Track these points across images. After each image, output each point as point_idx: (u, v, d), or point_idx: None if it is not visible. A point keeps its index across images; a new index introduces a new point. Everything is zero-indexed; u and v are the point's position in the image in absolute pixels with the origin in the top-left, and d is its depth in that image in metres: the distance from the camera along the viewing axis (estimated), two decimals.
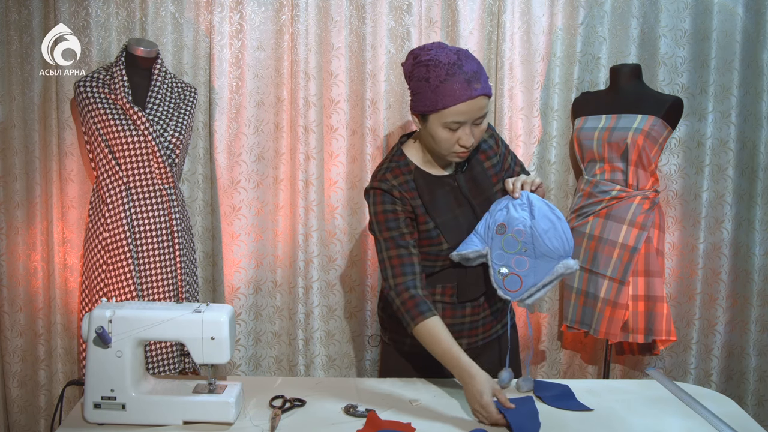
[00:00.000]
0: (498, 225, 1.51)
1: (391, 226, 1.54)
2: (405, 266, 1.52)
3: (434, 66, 1.44)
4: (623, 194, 2.27)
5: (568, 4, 2.44)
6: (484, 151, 1.66)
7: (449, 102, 1.43)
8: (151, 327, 1.33)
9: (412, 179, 1.58)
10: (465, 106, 1.43)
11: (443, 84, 1.43)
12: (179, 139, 2.16)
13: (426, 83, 1.45)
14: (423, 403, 1.47)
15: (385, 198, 1.55)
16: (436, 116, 1.46)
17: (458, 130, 1.47)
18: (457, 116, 1.44)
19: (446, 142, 1.48)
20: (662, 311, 2.26)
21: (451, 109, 1.43)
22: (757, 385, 2.56)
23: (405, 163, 1.60)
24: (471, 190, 1.61)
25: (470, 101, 1.43)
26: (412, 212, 1.57)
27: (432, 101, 1.45)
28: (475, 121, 1.47)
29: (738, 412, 1.47)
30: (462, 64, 1.44)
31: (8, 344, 2.41)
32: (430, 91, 1.44)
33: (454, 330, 1.64)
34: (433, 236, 1.57)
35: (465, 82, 1.42)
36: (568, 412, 1.45)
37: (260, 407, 1.44)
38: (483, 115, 1.48)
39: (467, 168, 1.62)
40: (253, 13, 2.36)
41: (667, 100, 2.25)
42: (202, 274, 2.46)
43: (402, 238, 1.54)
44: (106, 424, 1.35)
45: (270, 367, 2.53)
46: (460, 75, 1.42)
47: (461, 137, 1.47)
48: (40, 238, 2.38)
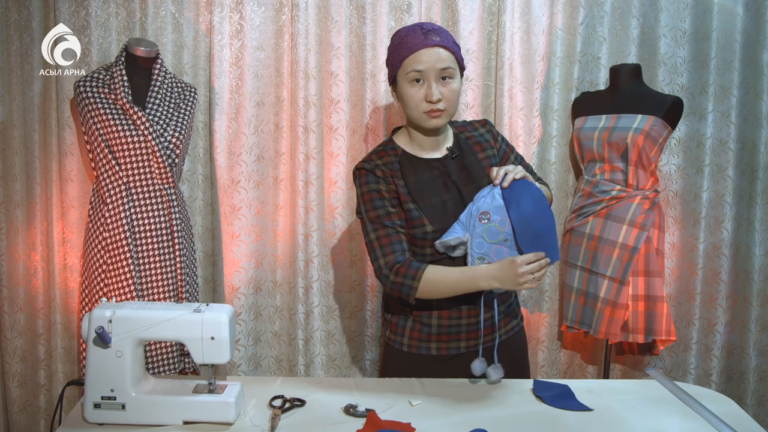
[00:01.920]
0: (481, 213, 1.49)
1: (376, 205, 1.57)
2: (393, 244, 1.55)
3: (398, 32, 1.58)
4: (623, 194, 2.27)
5: (568, 4, 2.44)
6: (479, 142, 1.68)
7: (407, 52, 1.52)
8: (151, 327, 1.33)
9: (396, 161, 1.61)
10: (423, 55, 1.50)
11: (403, 40, 1.54)
12: (179, 139, 2.16)
13: (391, 47, 1.58)
14: (423, 403, 1.47)
15: (369, 178, 1.59)
16: (400, 73, 1.55)
17: (423, 85, 1.53)
18: (416, 64, 1.51)
19: (412, 98, 1.54)
20: (662, 311, 2.26)
21: (410, 58, 1.51)
22: (757, 385, 2.56)
23: (392, 147, 1.65)
24: (462, 177, 1.62)
25: (427, 49, 1.50)
26: (396, 192, 1.59)
27: (394, 59, 1.56)
28: (440, 75, 1.52)
29: (738, 412, 1.47)
30: (422, 25, 1.55)
31: (8, 344, 2.41)
32: (393, 50, 1.57)
33: (452, 332, 1.64)
34: (415, 217, 1.57)
35: (422, 35, 1.51)
36: (568, 412, 1.45)
37: (260, 407, 1.44)
38: (446, 68, 1.52)
39: (458, 155, 1.64)
40: (253, 13, 2.37)
41: (667, 100, 2.25)
42: (202, 274, 2.46)
43: (388, 218, 1.56)
44: (106, 424, 1.35)
45: (270, 367, 2.53)
46: (418, 30, 1.53)
47: (427, 93, 1.52)
48: (40, 238, 2.38)
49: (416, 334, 1.65)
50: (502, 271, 1.43)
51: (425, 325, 1.64)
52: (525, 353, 1.79)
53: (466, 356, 1.63)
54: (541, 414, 1.43)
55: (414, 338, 1.65)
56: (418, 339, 1.66)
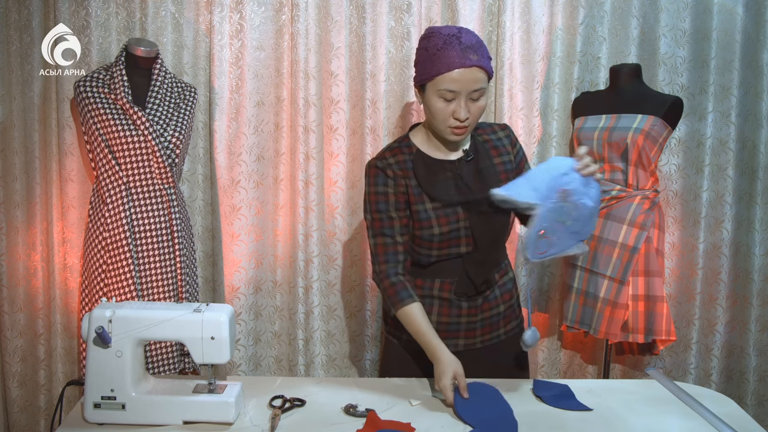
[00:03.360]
0: (564, 189, 1.44)
1: (380, 208, 1.58)
2: (388, 254, 1.57)
3: (434, 36, 1.49)
4: (623, 194, 2.27)
5: (568, 4, 2.44)
6: (496, 147, 1.65)
7: (443, 68, 1.45)
8: (151, 327, 1.33)
9: (410, 159, 1.59)
10: (458, 74, 1.45)
11: (439, 52, 1.46)
12: (179, 139, 2.16)
13: (425, 52, 1.50)
14: (423, 403, 1.47)
15: (378, 178, 1.58)
16: (431, 84, 1.49)
17: (453, 102, 1.48)
18: (450, 84, 1.46)
19: (440, 113, 1.50)
20: (662, 311, 2.26)
21: (445, 75, 1.45)
22: (757, 385, 2.56)
23: (407, 144, 1.62)
24: (475, 181, 1.59)
25: (464, 70, 1.45)
26: (405, 193, 1.58)
27: (428, 69, 1.48)
28: (470, 95, 1.48)
29: (738, 412, 1.47)
30: (461, 36, 1.46)
31: (8, 344, 2.41)
32: (428, 59, 1.48)
33: (450, 330, 1.64)
34: (423, 219, 1.57)
35: (460, 51, 1.45)
36: (568, 412, 1.45)
37: (260, 407, 1.44)
38: (479, 89, 1.48)
39: (473, 158, 1.61)
40: (253, 13, 2.36)
41: (667, 100, 2.25)
42: (202, 274, 2.46)
43: (389, 223, 1.57)
44: (106, 424, 1.35)
45: (270, 367, 2.53)
46: (456, 45, 1.45)
47: (455, 110, 1.48)
48: (40, 238, 2.38)
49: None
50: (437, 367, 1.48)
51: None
52: (525, 354, 1.78)
53: (463, 354, 1.63)
54: (541, 414, 1.43)
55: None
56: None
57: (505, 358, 1.70)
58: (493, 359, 1.69)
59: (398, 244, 1.57)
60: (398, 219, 1.57)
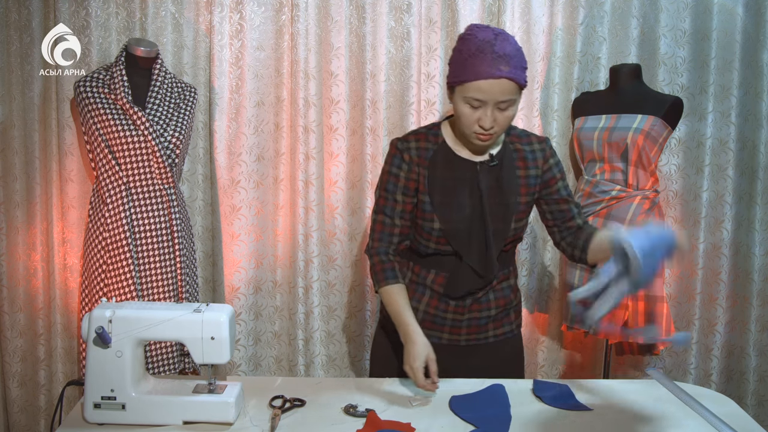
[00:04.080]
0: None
1: (388, 188, 1.60)
2: (384, 233, 1.61)
3: (468, 39, 1.45)
4: (623, 194, 2.27)
5: (568, 4, 2.44)
6: (525, 159, 1.60)
7: (471, 76, 1.42)
8: (151, 327, 1.33)
9: (433, 149, 1.58)
10: (486, 84, 1.42)
11: (471, 58, 1.43)
12: (179, 139, 2.16)
13: (458, 54, 1.47)
14: (423, 403, 1.47)
15: (395, 158, 1.60)
16: (459, 89, 1.47)
17: (479, 109, 1.45)
18: (477, 93, 1.43)
19: (466, 118, 1.48)
20: (662, 311, 2.26)
21: (473, 83, 1.43)
22: (757, 385, 2.56)
23: (435, 133, 1.61)
24: (490, 188, 1.57)
25: (492, 80, 1.41)
26: (417, 180, 1.58)
27: (458, 73, 1.46)
28: (498, 105, 1.45)
29: (738, 412, 1.47)
30: (495, 43, 1.42)
31: (8, 344, 2.41)
32: (459, 63, 1.46)
33: (436, 322, 1.65)
34: (426, 211, 1.57)
35: (491, 60, 1.41)
36: (568, 412, 1.45)
37: (260, 407, 1.44)
38: (507, 100, 1.44)
39: (496, 165, 1.58)
40: (253, 13, 2.36)
41: (667, 100, 2.25)
42: (202, 274, 2.46)
43: (392, 205, 1.60)
44: (106, 424, 1.35)
45: (270, 367, 2.53)
46: (489, 53, 1.41)
47: (481, 117, 1.46)
48: (40, 238, 2.38)
49: None
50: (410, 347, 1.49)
51: (413, 307, 1.65)
52: (517, 360, 1.76)
53: (446, 347, 1.64)
54: (541, 414, 1.43)
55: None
56: None
57: (491, 361, 1.68)
58: (477, 360, 1.68)
59: (395, 227, 1.61)
60: (402, 203, 1.59)
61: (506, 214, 1.58)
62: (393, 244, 1.62)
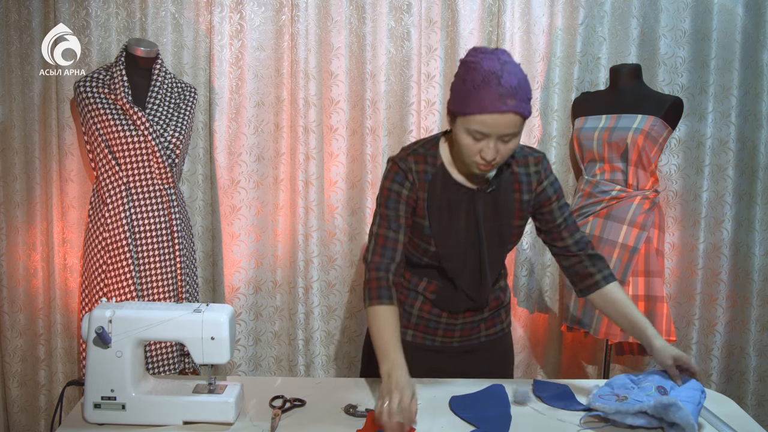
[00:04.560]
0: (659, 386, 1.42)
1: (390, 205, 1.54)
2: (386, 249, 1.53)
3: (474, 69, 1.38)
4: (623, 194, 2.27)
5: (568, 4, 2.44)
6: (521, 182, 1.57)
7: (475, 109, 1.37)
8: (151, 327, 1.33)
9: (432, 173, 1.55)
10: (491, 119, 1.36)
11: (476, 90, 1.37)
12: (179, 139, 2.16)
13: (462, 84, 1.40)
14: (423, 403, 1.47)
15: (398, 177, 1.54)
16: (462, 120, 1.41)
17: (481, 141, 1.40)
18: (481, 126, 1.38)
19: (467, 149, 1.43)
20: (662, 311, 2.26)
21: (477, 117, 1.37)
22: (757, 385, 2.56)
23: (434, 155, 1.56)
24: (486, 213, 1.55)
25: (497, 115, 1.36)
26: (416, 200, 1.55)
27: (461, 104, 1.40)
28: (502, 138, 1.40)
29: (738, 412, 1.47)
30: (501, 75, 1.35)
31: (8, 344, 2.41)
32: (463, 93, 1.40)
33: (430, 326, 1.64)
34: (424, 233, 1.55)
35: (497, 95, 1.35)
36: (568, 412, 1.45)
37: (260, 407, 1.44)
38: (511, 133, 1.39)
39: (493, 190, 1.55)
40: (253, 13, 2.36)
41: (667, 100, 2.25)
42: (202, 274, 2.46)
43: (396, 221, 1.54)
44: (106, 424, 1.35)
45: (270, 367, 2.53)
46: (495, 86, 1.35)
47: (483, 149, 1.40)
48: (40, 238, 2.38)
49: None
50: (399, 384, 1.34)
51: (406, 311, 1.65)
52: (507, 358, 1.76)
53: (440, 348, 1.64)
54: (541, 414, 1.43)
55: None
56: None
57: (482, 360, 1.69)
58: (469, 360, 1.68)
59: (399, 242, 1.54)
60: (404, 219, 1.55)
61: (501, 238, 1.56)
62: (394, 261, 1.53)
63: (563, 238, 1.61)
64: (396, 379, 1.34)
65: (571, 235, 1.60)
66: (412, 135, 2.38)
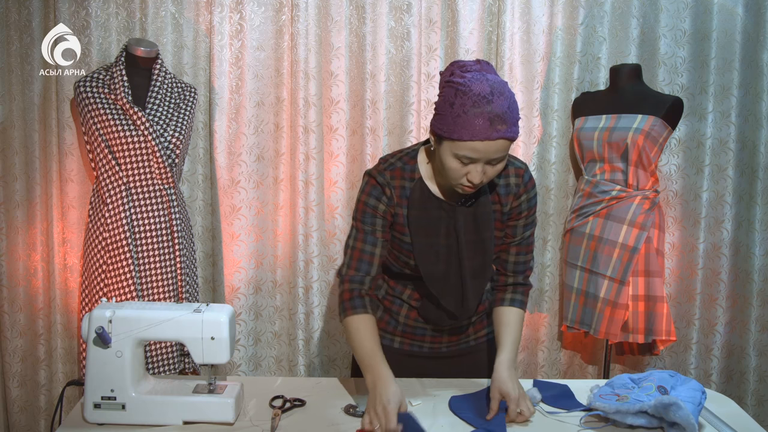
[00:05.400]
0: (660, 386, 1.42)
1: (366, 220, 1.53)
2: (361, 262, 1.52)
3: (463, 93, 1.34)
4: (623, 194, 2.27)
5: (568, 4, 2.44)
6: (500, 194, 1.54)
7: (465, 136, 1.33)
8: (151, 327, 1.33)
9: (410, 187, 1.52)
10: (481, 145, 1.33)
11: (465, 115, 1.33)
12: (179, 139, 2.16)
13: (450, 107, 1.36)
14: (423, 403, 1.47)
15: (374, 191, 1.52)
16: (449, 144, 1.37)
17: (469, 165, 1.37)
18: (470, 152, 1.34)
19: (454, 172, 1.40)
20: (662, 311, 2.26)
21: (466, 143, 1.34)
22: (757, 385, 2.56)
23: (411, 169, 1.53)
24: (466, 227, 1.52)
25: (488, 142, 1.33)
26: (394, 215, 1.53)
27: (449, 128, 1.35)
28: (490, 161, 1.38)
29: (738, 412, 1.47)
30: (492, 100, 1.32)
31: (8, 344, 2.41)
32: (451, 117, 1.35)
33: (417, 333, 1.64)
34: (404, 248, 1.54)
35: (488, 121, 1.32)
36: (568, 412, 1.45)
37: (260, 407, 1.44)
38: (500, 157, 1.37)
39: (473, 204, 1.53)
40: (253, 13, 2.36)
41: (667, 100, 2.25)
42: (202, 274, 2.46)
43: (372, 234, 1.52)
44: (106, 424, 1.35)
45: (270, 367, 2.53)
46: (486, 112, 1.32)
47: (470, 172, 1.38)
48: (40, 238, 2.38)
49: (383, 324, 1.66)
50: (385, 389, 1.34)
51: (393, 319, 1.65)
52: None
53: (428, 354, 1.64)
54: (541, 414, 1.43)
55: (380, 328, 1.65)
56: (383, 330, 1.66)
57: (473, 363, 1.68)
58: (459, 363, 1.67)
59: (375, 256, 1.52)
60: (381, 233, 1.53)
61: (484, 250, 1.54)
62: (370, 275, 1.51)
63: (508, 252, 1.60)
64: (380, 392, 1.33)
65: (517, 254, 1.59)
66: (412, 135, 2.38)
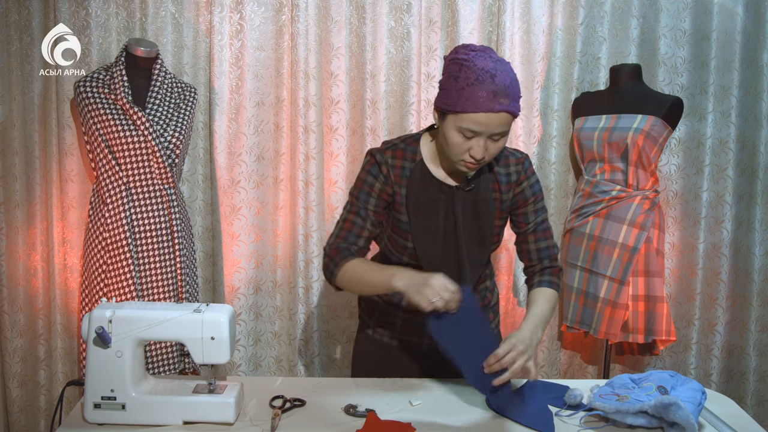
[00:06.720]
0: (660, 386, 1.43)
1: (361, 196, 1.56)
2: (350, 233, 1.55)
3: (467, 67, 1.38)
4: (623, 194, 2.27)
5: (568, 4, 2.44)
6: (500, 182, 1.57)
7: (469, 108, 1.36)
8: (151, 327, 1.33)
9: (410, 168, 1.54)
10: (484, 117, 1.36)
11: (469, 88, 1.36)
12: (179, 139, 2.16)
13: (454, 81, 1.39)
14: (423, 403, 1.47)
15: (373, 169, 1.55)
16: (453, 117, 1.40)
17: (472, 139, 1.40)
18: (473, 125, 1.38)
19: (457, 147, 1.42)
20: (662, 311, 2.26)
21: (470, 115, 1.37)
22: (757, 385, 2.56)
23: (413, 150, 1.56)
24: (465, 212, 1.54)
25: (491, 114, 1.36)
26: (392, 197, 1.55)
27: (453, 101, 1.39)
28: (492, 136, 1.40)
29: (738, 412, 1.47)
30: (495, 74, 1.36)
31: (8, 344, 2.41)
32: (455, 91, 1.38)
33: (414, 331, 1.64)
34: (402, 228, 1.55)
35: (491, 93, 1.35)
36: (569, 412, 1.45)
37: (260, 407, 1.44)
38: (501, 132, 1.40)
39: (472, 189, 1.55)
40: (253, 13, 2.37)
41: (667, 100, 2.25)
42: (202, 274, 2.46)
43: (365, 213, 1.55)
44: (106, 424, 1.35)
45: (270, 367, 2.53)
46: (489, 84, 1.35)
47: (473, 147, 1.40)
48: (40, 238, 2.38)
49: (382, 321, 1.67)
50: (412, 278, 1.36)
51: (389, 323, 1.65)
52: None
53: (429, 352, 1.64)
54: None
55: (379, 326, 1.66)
56: (382, 328, 1.67)
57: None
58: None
59: (365, 230, 1.55)
60: (374, 212, 1.55)
61: (482, 238, 1.55)
62: (357, 245, 1.54)
63: (528, 242, 1.62)
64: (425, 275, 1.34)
65: (536, 241, 1.61)
66: None
